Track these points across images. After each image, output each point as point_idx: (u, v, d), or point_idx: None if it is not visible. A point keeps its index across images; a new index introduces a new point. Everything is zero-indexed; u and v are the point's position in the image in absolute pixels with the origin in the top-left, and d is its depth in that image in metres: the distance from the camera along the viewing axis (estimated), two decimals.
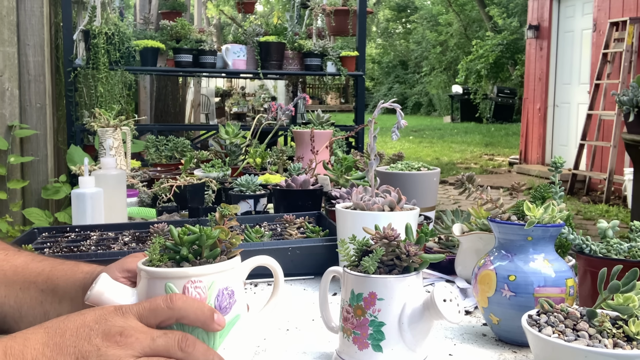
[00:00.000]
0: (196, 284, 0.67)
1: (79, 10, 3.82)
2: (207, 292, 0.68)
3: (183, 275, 0.67)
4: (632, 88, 4.04)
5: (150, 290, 0.68)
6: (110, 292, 0.69)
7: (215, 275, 0.69)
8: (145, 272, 0.69)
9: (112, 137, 1.89)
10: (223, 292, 0.69)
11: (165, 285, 0.67)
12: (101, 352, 0.60)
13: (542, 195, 0.97)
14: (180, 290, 0.67)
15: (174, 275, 0.67)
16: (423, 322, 0.70)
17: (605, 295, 0.68)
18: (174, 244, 0.71)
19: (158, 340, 0.62)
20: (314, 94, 15.64)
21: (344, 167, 1.55)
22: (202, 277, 0.68)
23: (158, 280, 0.68)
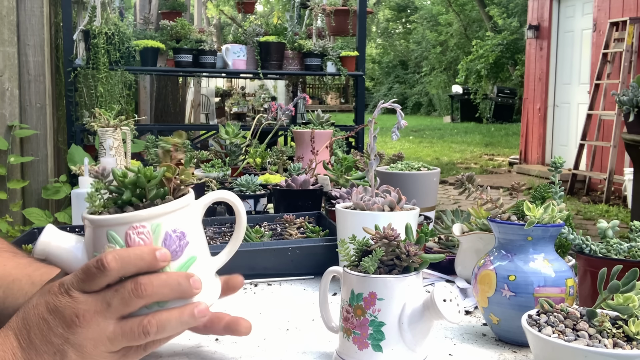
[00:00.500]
0: (138, 229, 0.63)
1: (79, 10, 3.82)
2: (152, 237, 0.64)
3: (123, 221, 0.63)
4: (632, 88, 4.04)
5: (95, 239, 0.65)
6: (57, 241, 0.66)
7: (160, 218, 0.64)
8: (88, 221, 0.65)
9: (112, 137, 1.89)
10: (171, 235, 0.64)
11: (107, 233, 0.63)
12: (71, 340, 0.60)
13: (542, 195, 0.97)
14: (122, 237, 0.63)
15: (114, 222, 0.63)
16: (423, 322, 0.70)
17: (605, 295, 0.68)
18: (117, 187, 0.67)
19: (112, 301, 0.61)
20: (314, 94, 15.63)
21: (344, 167, 1.55)
22: (144, 221, 0.63)
23: (100, 228, 0.64)
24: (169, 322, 0.62)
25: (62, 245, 0.66)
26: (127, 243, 0.63)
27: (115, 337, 0.60)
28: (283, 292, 1.07)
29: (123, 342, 0.61)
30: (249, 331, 0.72)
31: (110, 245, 0.63)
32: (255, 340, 0.85)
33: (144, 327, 0.61)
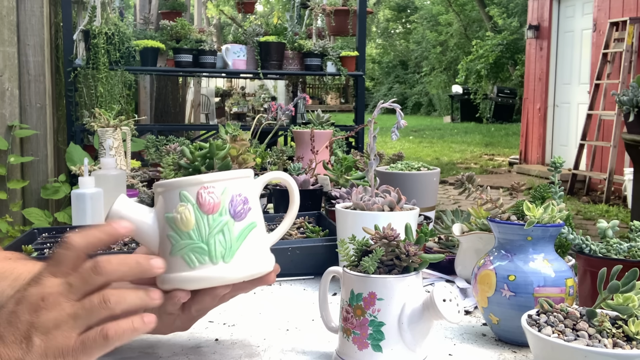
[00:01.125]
0: (209, 189, 0.70)
1: (79, 10, 3.82)
2: (221, 197, 0.70)
3: (195, 182, 0.70)
4: (632, 88, 4.04)
5: (167, 201, 0.71)
6: (127, 210, 0.72)
7: (228, 182, 0.71)
8: (161, 186, 0.72)
9: (112, 137, 1.89)
10: (236, 198, 0.71)
11: (180, 193, 0.70)
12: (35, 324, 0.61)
13: (542, 195, 0.97)
14: (194, 196, 0.69)
15: (187, 183, 0.70)
16: (423, 322, 0.70)
17: (605, 295, 0.68)
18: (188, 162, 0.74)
19: (73, 280, 0.63)
20: (314, 94, 15.64)
21: (344, 167, 1.55)
22: (214, 182, 0.70)
23: (173, 191, 0.70)
24: (128, 294, 0.63)
25: (134, 217, 0.72)
26: (199, 201, 0.69)
27: (75, 311, 0.62)
28: (283, 292, 1.07)
29: (84, 316, 0.62)
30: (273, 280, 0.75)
31: (182, 203, 0.70)
32: (255, 340, 0.85)
33: (104, 296, 0.62)
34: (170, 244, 0.70)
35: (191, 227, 0.69)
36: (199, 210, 0.70)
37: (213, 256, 0.69)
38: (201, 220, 0.69)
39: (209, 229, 0.69)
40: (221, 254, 0.70)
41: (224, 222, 0.70)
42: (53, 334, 0.61)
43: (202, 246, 0.69)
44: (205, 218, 0.69)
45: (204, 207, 0.70)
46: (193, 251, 0.69)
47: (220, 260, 0.69)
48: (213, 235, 0.69)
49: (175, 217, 0.70)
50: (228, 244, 0.70)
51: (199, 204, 0.70)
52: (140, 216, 0.72)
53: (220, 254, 0.70)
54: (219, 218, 0.70)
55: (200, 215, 0.69)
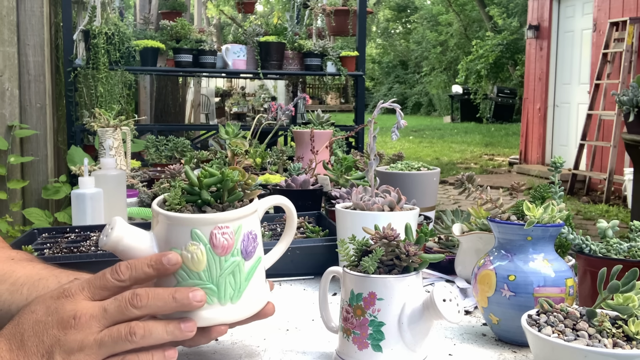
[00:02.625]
0: (223, 229, 0.66)
1: (79, 10, 3.82)
2: (234, 237, 0.67)
3: (210, 221, 0.66)
4: (632, 88, 4.04)
5: (176, 236, 0.67)
6: (129, 237, 0.68)
7: (242, 220, 0.68)
8: (167, 217, 0.67)
9: (112, 137, 1.89)
10: (248, 237, 0.69)
11: (192, 231, 0.66)
12: (61, 341, 0.60)
13: (542, 195, 0.97)
14: (207, 236, 0.66)
15: (201, 222, 0.66)
16: (423, 322, 0.70)
17: (605, 295, 0.68)
18: (191, 186, 0.70)
19: (109, 307, 0.62)
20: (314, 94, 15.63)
21: (344, 167, 1.55)
22: (229, 222, 0.67)
23: (183, 227, 0.66)
24: (156, 328, 0.63)
25: (134, 245, 0.68)
26: (212, 242, 0.66)
27: (102, 338, 0.61)
28: (283, 292, 1.07)
29: (109, 344, 0.61)
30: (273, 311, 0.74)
31: (193, 242, 0.66)
32: (255, 340, 0.85)
33: (131, 328, 0.62)
34: (175, 280, 0.68)
35: (202, 268, 0.66)
36: (212, 251, 0.66)
37: (222, 297, 0.67)
38: (213, 261, 0.67)
39: (220, 270, 0.67)
40: (230, 295, 0.68)
41: (236, 263, 0.68)
42: (76, 356, 0.60)
43: (212, 288, 0.67)
44: (218, 260, 0.67)
45: (217, 248, 0.67)
46: None
47: (228, 301, 0.68)
48: (224, 277, 0.67)
49: (185, 256, 0.66)
50: (237, 285, 0.68)
51: (212, 245, 0.66)
52: (141, 244, 0.68)
53: (229, 296, 0.68)
54: (230, 259, 0.67)
55: (212, 257, 0.67)
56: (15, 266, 0.79)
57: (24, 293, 0.75)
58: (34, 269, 0.78)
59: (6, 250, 0.85)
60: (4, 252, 0.84)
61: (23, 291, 0.75)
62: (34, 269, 0.78)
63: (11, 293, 0.75)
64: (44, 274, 0.77)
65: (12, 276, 0.77)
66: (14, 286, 0.76)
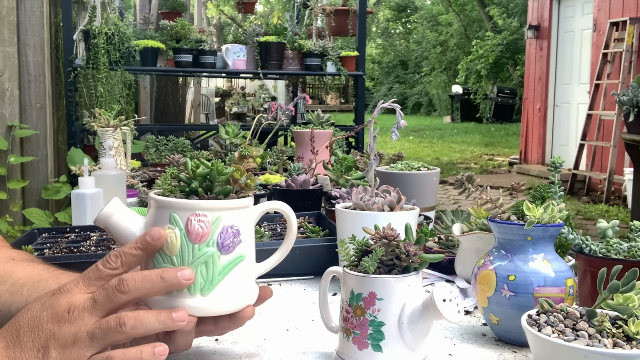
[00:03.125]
0: (200, 217, 0.67)
1: (79, 10, 3.82)
2: (211, 227, 0.67)
3: (188, 207, 0.67)
4: (632, 88, 4.04)
5: (156, 219, 0.69)
6: (120, 215, 0.70)
7: (222, 212, 0.68)
8: (154, 201, 0.69)
9: (112, 137, 1.89)
10: (227, 230, 0.68)
11: (170, 215, 0.67)
12: (56, 335, 0.61)
13: (542, 195, 0.97)
14: (183, 221, 0.67)
15: (179, 206, 0.68)
16: (423, 322, 0.70)
17: (604, 295, 0.68)
18: (187, 177, 0.71)
19: (99, 297, 0.63)
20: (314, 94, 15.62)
21: (344, 167, 1.55)
22: (207, 211, 0.67)
23: (164, 209, 0.68)
24: (147, 318, 0.63)
25: (123, 223, 0.70)
26: (187, 228, 0.67)
27: (93, 330, 0.61)
28: (283, 292, 1.07)
29: (99, 336, 0.61)
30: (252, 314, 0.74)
31: (170, 226, 0.67)
32: (255, 340, 0.85)
33: (121, 319, 0.62)
34: (152, 263, 0.68)
35: (175, 252, 0.67)
36: (186, 237, 0.67)
37: (191, 287, 0.67)
38: (186, 248, 0.67)
39: (192, 258, 0.67)
40: (200, 286, 0.67)
41: (209, 253, 0.67)
42: (70, 349, 0.61)
43: None
44: (191, 247, 0.67)
45: (191, 235, 0.67)
46: None
47: (197, 293, 0.67)
48: (196, 265, 0.67)
49: None
50: (209, 277, 0.67)
51: (187, 230, 0.67)
52: (130, 224, 0.70)
53: (199, 287, 0.67)
54: (205, 249, 0.67)
55: (186, 243, 0.67)
56: (16, 267, 0.79)
57: (24, 294, 0.75)
58: (34, 270, 0.78)
59: (7, 250, 0.85)
60: (5, 252, 0.84)
61: (23, 292, 0.75)
62: (34, 270, 0.78)
63: (11, 294, 0.75)
64: (44, 274, 0.77)
65: (12, 277, 0.77)
66: (14, 287, 0.76)
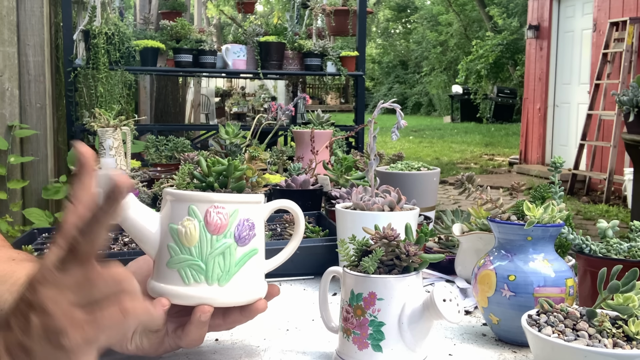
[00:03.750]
0: (219, 209, 0.69)
1: (79, 10, 3.82)
2: (229, 219, 0.70)
3: (207, 199, 0.70)
4: (632, 88, 4.04)
5: (174, 212, 0.70)
6: (135, 209, 0.71)
7: (239, 205, 0.70)
8: (171, 195, 0.71)
9: (112, 137, 1.89)
10: (244, 223, 0.71)
11: (189, 207, 0.69)
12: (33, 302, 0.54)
13: (542, 195, 0.97)
14: (202, 213, 0.69)
15: (198, 198, 0.70)
16: (423, 322, 0.70)
17: (605, 295, 0.68)
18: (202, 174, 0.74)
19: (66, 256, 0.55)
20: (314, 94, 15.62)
21: (344, 167, 1.55)
22: (225, 203, 0.70)
23: (182, 202, 0.70)
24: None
25: (138, 217, 0.71)
26: (206, 219, 0.69)
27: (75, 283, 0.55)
28: (283, 292, 1.07)
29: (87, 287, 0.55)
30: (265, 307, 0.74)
31: (189, 218, 0.69)
32: (255, 340, 0.85)
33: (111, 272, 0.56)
34: (169, 254, 0.70)
35: (194, 243, 0.69)
36: (205, 228, 0.69)
37: (209, 277, 0.69)
38: (205, 238, 0.69)
39: (210, 249, 0.69)
40: (218, 276, 0.69)
41: (227, 245, 0.70)
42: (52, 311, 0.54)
43: (201, 265, 0.69)
44: (210, 237, 0.69)
45: (210, 226, 0.69)
46: (190, 267, 0.69)
47: (215, 282, 0.69)
48: (214, 256, 0.69)
49: (179, 230, 0.69)
50: (226, 268, 0.70)
51: (206, 222, 0.69)
52: (145, 219, 0.72)
53: (217, 276, 0.69)
54: (222, 240, 0.70)
55: (205, 234, 0.69)
56: (16, 267, 0.79)
57: None
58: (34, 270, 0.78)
59: (7, 250, 0.85)
60: (5, 252, 0.84)
61: None
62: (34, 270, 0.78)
63: (12, 294, 0.75)
64: None
65: (12, 277, 0.77)
66: (14, 287, 0.75)
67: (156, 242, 0.71)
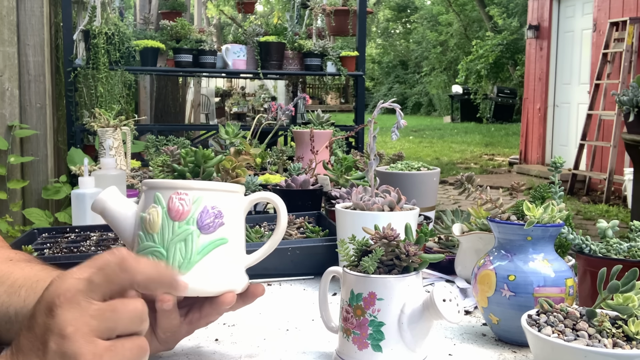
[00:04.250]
0: (181, 195, 0.70)
1: (79, 10, 3.82)
2: (191, 206, 0.70)
3: (170, 186, 0.71)
4: (632, 88, 4.04)
5: (145, 202, 0.72)
6: (114, 201, 0.74)
7: (203, 192, 0.71)
8: (144, 185, 0.74)
9: (112, 137, 1.89)
10: (208, 211, 0.71)
11: (154, 195, 0.71)
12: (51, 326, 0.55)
13: (542, 195, 0.97)
14: (165, 200, 0.70)
15: (162, 185, 0.71)
16: (423, 322, 0.70)
17: (604, 295, 0.68)
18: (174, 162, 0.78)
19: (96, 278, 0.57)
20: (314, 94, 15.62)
21: (344, 167, 1.55)
22: (188, 190, 0.70)
23: (151, 190, 0.72)
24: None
25: (117, 208, 0.74)
26: (169, 206, 0.70)
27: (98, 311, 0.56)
28: (283, 292, 1.07)
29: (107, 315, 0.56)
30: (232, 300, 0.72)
31: (154, 205, 0.70)
32: (255, 340, 0.85)
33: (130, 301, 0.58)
34: (138, 243, 0.71)
35: (157, 230, 0.70)
36: (167, 214, 0.70)
37: (170, 264, 0.69)
38: (167, 225, 0.70)
39: (172, 235, 0.69)
40: (179, 263, 0.69)
41: (189, 231, 0.69)
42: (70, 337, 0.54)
43: (162, 251, 0.69)
44: (171, 224, 0.69)
45: (171, 212, 0.70)
46: (153, 254, 0.69)
47: (176, 269, 0.69)
48: (175, 242, 0.69)
49: (145, 218, 0.71)
50: (187, 255, 0.69)
51: (169, 208, 0.70)
52: (124, 210, 0.74)
53: (178, 263, 0.69)
54: (184, 226, 0.69)
55: (166, 220, 0.70)
56: (14, 267, 0.78)
57: (21, 295, 0.74)
58: (32, 271, 0.77)
59: (5, 251, 0.84)
60: (3, 252, 0.83)
61: (21, 293, 0.74)
62: (32, 271, 0.77)
63: (9, 295, 0.74)
64: (42, 275, 0.76)
65: (10, 278, 0.76)
66: (11, 288, 0.75)
67: (131, 232, 0.73)
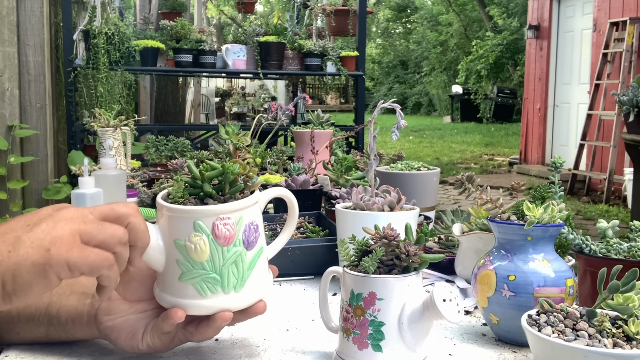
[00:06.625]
0: (225, 220, 0.69)
1: (79, 10, 3.82)
2: (236, 228, 0.69)
3: (212, 213, 0.69)
4: (632, 88, 4.04)
5: (177, 228, 0.69)
6: None
7: (243, 211, 0.70)
8: (170, 210, 0.70)
9: (112, 137, 1.89)
10: (250, 227, 0.71)
11: (194, 223, 0.68)
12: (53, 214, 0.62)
13: (542, 195, 0.97)
14: (209, 227, 0.68)
15: (203, 214, 0.68)
16: (423, 322, 0.70)
17: (605, 295, 0.68)
18: (193, 179, 0.73)
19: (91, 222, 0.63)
20: (314, 94, 15.62)
21: (344, 167, 1.55)
22: (230, 213, 0.69)
23: (186, 218, 0.69)
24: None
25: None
26: (215, 233, 0.68)
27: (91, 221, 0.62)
28: (283, 292, 1.07)
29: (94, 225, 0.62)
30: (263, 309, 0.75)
31: (196, 234, 0.68)
32: (255, 340, 0.85)
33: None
34: (179, 270, 0.70)
35: (205, 258, 0.68)
36: (215, 242, 0.69)
37: (225, 286, 0.69)
38: (216, 252, 0.69)
39: (223, 260, 0.69)
40: (233, 284, 0.70)
41: (238, 253, 0.70)
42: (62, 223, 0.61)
43: (216, 277, 0.69)
44: (220, 250, 0.69)
45: (219, 239, 0.69)
46: (205, 281, 0.69)
47: (232, 290, 0.70)
48: (227, 266, 0.69)
49: (188, 247, 0.68)
50: (240, 274, 0.70)
51: (215, 235, 0.69)
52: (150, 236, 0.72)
53: (233, 284, 0.70)
54: (233, 249, 0.69)
55: (215, 247, 0.69)
56: None
57: None
58: None
59: None
60: None
61: None
62: None
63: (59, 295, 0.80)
64: None
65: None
66: None
67: (162, 257, 0.70)
